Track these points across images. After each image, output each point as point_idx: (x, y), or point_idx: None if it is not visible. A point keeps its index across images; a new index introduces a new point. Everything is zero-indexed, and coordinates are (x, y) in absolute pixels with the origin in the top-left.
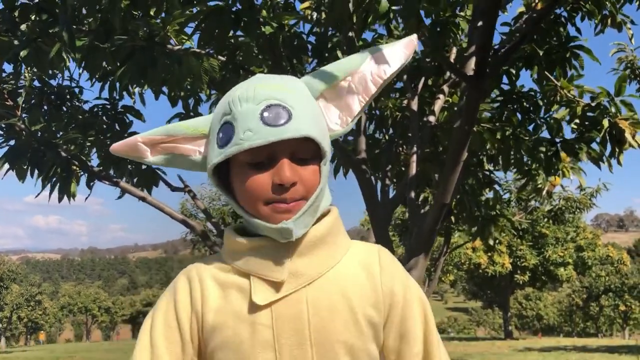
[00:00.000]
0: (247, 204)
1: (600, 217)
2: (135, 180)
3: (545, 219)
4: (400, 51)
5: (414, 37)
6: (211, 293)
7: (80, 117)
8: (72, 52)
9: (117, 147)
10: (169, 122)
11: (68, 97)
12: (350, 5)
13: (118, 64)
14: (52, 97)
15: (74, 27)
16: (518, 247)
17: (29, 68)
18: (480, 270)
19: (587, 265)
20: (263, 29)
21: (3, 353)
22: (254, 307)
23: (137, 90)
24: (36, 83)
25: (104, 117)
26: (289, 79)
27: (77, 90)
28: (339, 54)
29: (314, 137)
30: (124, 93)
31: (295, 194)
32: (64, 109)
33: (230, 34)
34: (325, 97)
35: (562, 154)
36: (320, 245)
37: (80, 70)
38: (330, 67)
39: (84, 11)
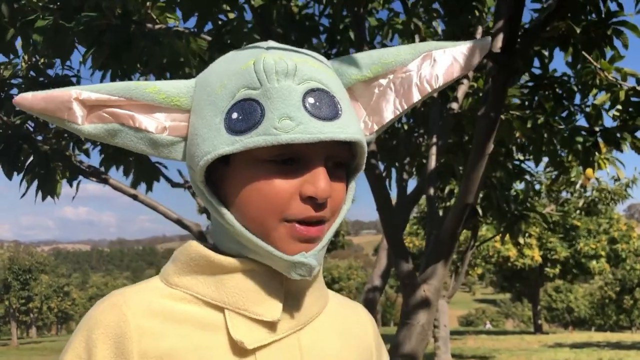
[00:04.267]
0: (252, 217)
1: (633, 207)
2: (133, 176)
3: (577, 211)
4: (464, 56)
5: (487, 40)
6: (156, 335)
7: None
8: (20, 32)
9: (30, 100)
10: None
11: (64, 87)
12: None
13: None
14: (49, 88)
15: (41, 4)
16: (548, 239)
17: (25, 57)
18: (509, 264)
19: (621, 258)
20: (252, 2)
21: (32, 343)
22: (231, 352)
23: (142, 79)
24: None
25: None
26: (321, 57)
27: (74, 79)
28: (352, 35)
29: (363, 143)
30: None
31: (324, 215)
32: None
33: (217, 8)
34: (353, 91)
35: (601, 145)
36: (315, 282)
37: (38, 52)
38: (371, 55)
39: None
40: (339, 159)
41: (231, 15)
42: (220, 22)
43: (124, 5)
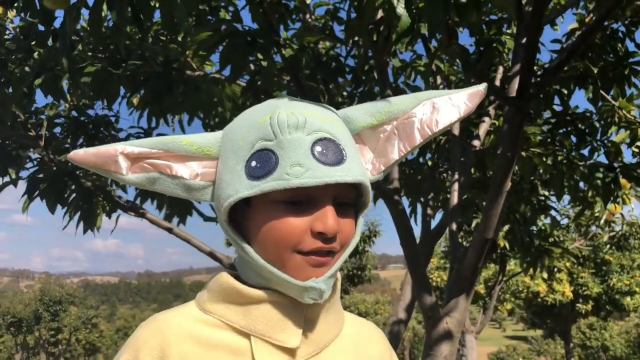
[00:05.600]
0: (270, 250)
1: None
2: (166, 210)
3: (608, 246)
4: (461, 102)
5: (483, 87)
6: (193, 358)
7: None
8: (72, 79)
9: (82, 156)
10: None
11: (103, 126)
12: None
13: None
14: (89, 127)
15: (90, 54)
16: (579, 274)
17: (68, 97)
18: (539, 299)
19: None
20: (283, 52)
21: None
22: None
23: (176, 118)
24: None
25: None
26: (329, 109)
27: (113, 118)
28: (376, 75)
29: (366, 184)
30: (162, 121)
31: (334, 247)
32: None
33: (250, 57)
34: (361, 136)
35: (622, 181)
36: (330, 309)
37: (85, 96)
38: (376, 105)
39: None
40: (345, 198)
41: (264, 63)
42: (253, 68)
43: (166, 54)
